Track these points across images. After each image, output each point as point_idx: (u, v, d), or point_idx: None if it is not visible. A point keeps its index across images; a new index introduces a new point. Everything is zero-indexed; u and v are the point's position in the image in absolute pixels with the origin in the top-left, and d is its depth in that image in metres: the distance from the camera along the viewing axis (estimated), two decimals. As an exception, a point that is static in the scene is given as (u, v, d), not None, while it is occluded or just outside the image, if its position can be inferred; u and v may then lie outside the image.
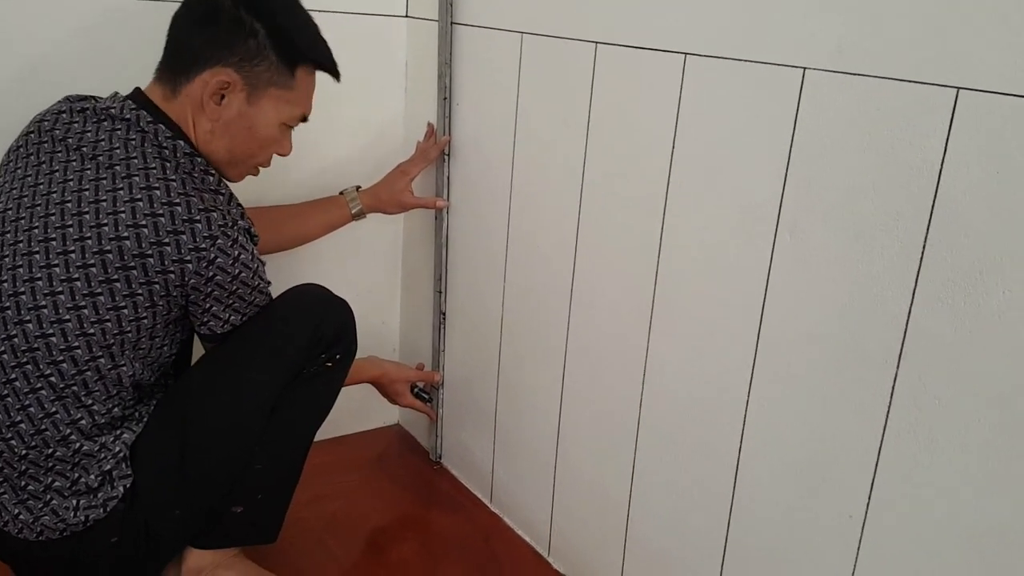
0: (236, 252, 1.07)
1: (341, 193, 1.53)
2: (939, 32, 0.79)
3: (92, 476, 1.06)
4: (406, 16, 1.59)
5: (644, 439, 1.20)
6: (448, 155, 1.52)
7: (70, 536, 1.06)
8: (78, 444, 1.06)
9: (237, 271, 1.08)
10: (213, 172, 1.11)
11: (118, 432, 1.09)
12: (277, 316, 1.17)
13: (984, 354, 0.80)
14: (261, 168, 1.23)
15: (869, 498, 0.91)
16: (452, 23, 1.45)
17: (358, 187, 1.53)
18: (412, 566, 1.41)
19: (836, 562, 0.95)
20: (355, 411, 1.78)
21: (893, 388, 0.88)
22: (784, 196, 0.96)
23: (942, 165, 0.81)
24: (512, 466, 1.50)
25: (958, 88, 0.78)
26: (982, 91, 0.77)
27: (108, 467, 1.07)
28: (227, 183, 1.14)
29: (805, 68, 0.91)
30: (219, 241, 1.05)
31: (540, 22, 1.27)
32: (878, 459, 0.90)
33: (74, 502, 1.06)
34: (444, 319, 1.61)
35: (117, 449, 1.07)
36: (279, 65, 1.12)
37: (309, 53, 1.16)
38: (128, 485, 1.08)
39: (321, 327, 1.19)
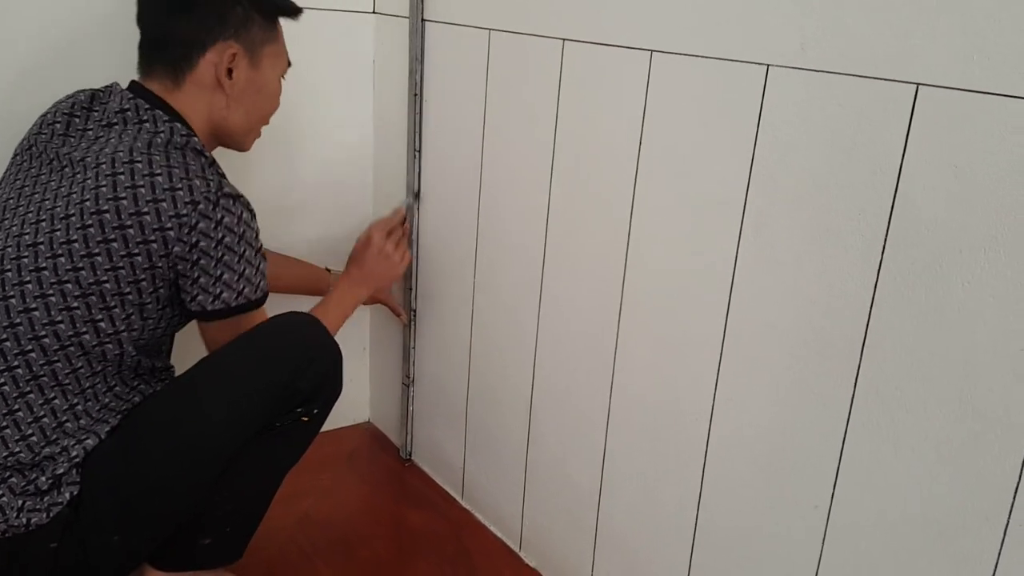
0: (219, 215, 1.05)
1: (328, 270, 1.57)
2: (899, 29, 0.81)
3: (44, 478, 1.02)
4: (374, 12, 1.58)
5: (613, 433, 1.21)
6: (418, 151, 1.51)
7: (10, 537, 1.01)
8: (39, 442, 1.03)
9: (221, 235, 1.05)
10: (208, 154, 1.11)
11: (82, 436, 1.05)
12: (253, 357, 1.10)
13: (945, 346, 0.81)
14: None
15: (834, 488, 0.93)
16: (422, 20, 1.45)
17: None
18: (384, 563, 1.40)
19: (802, 551, 0.97)
20: (325, 409, 1.77)
21: (856, 380, 0.89)
22: (749, 192, 0.97)
23: (903, 160, 0.82)
24: (483, 462, 1.50)
25: (918, 84, 0.80)
26: (941, 87, 0.78)
27: (61, 471, 1.03)
28: (219, 167, 1.11)
29: (768, 65, 0.92)
30: (200, 206, 1.03)
31: (508, 19, 1.28)
32: (842, 449, 0.91)
33: (19, 502, 1.01)
34: (415, 316, 1.61)
35: (74, 454, 1.04)
36: (264, 23, 1.17)
37: (281, 3, 1.21)
38: (75, 493, 1.03)
39: (297, 382, 1.10)
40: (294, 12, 1.23)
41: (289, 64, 1.25)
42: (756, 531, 1.03)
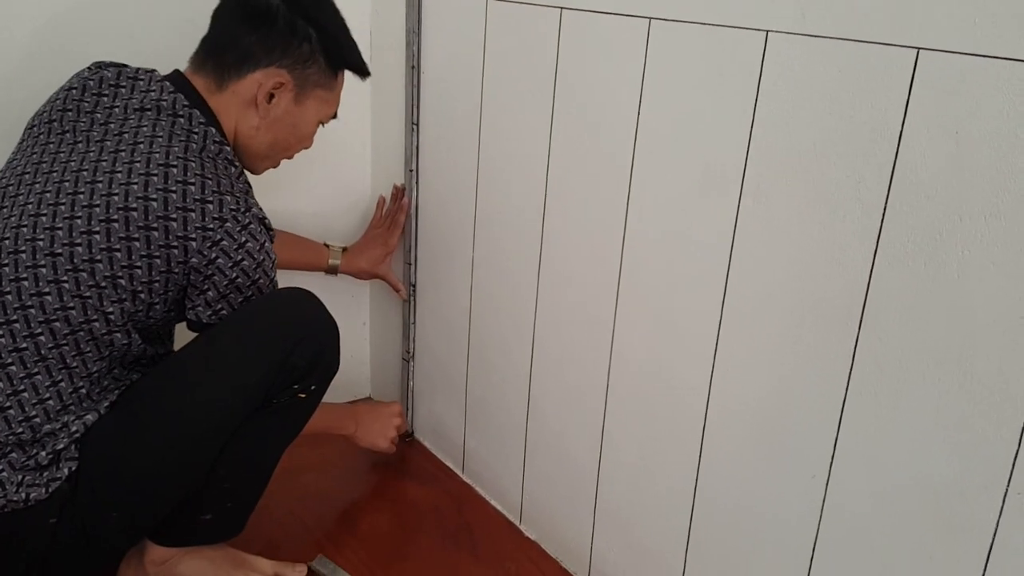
0: (243, 239, 1.06)
1: (326, 245, 1.56)
2: (899, -8, 0.79)
3: (44, 453, 1.02)
4: (370, -17, 1.56)
5: (612, 405, 1.21)
6: (416, 125, 1.50)
7: (9, 512, 1.01)
8: (42, 422, 1.03)
9: (240, 258, 1.06)
10: (237, 164, 1.12)
11: (82, 412, 1.05)
12: (248, 333, 1.09)
13: (944, 315, 0.81)
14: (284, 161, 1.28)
15: (832, 458, 0.93)
16: (417, -11, 1.43)
17: (344, 248, 1.57)
18: (385, 536, 1.41)
19: (801, 522, 0.97)
20: (326, 385, 1.77)
21: (855, 349, 0.88)
22: (748, 159, 0.96)
23: (903, 126, 0.81)
24: (483, 436, 1.50)
25: (918, 48, 0.79)
26: (942, 51, 0.77)
27: (60, 446, 1.03)
28: (246, 178, 1.14)
29: (768, 31, 0.91)
30: (227, 224, 1.05)
31: (505, -12, 1.26)
32: (840, 419, 0.91)
33: (19, 477, 1.01)
34: (415, 291, 1.61)
35: (74, 429, 1.04)
36: (326, 68, 1.18)
37: (351, 58, 1.23)
38: (73, 468, 1.03)
39: (291, 358, 1.09)
40: (363, 73, 1.25)
41: (335, 116, 1.26)
42: (754, 501, 1.03)
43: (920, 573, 0.86)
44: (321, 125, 1.26)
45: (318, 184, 1.63)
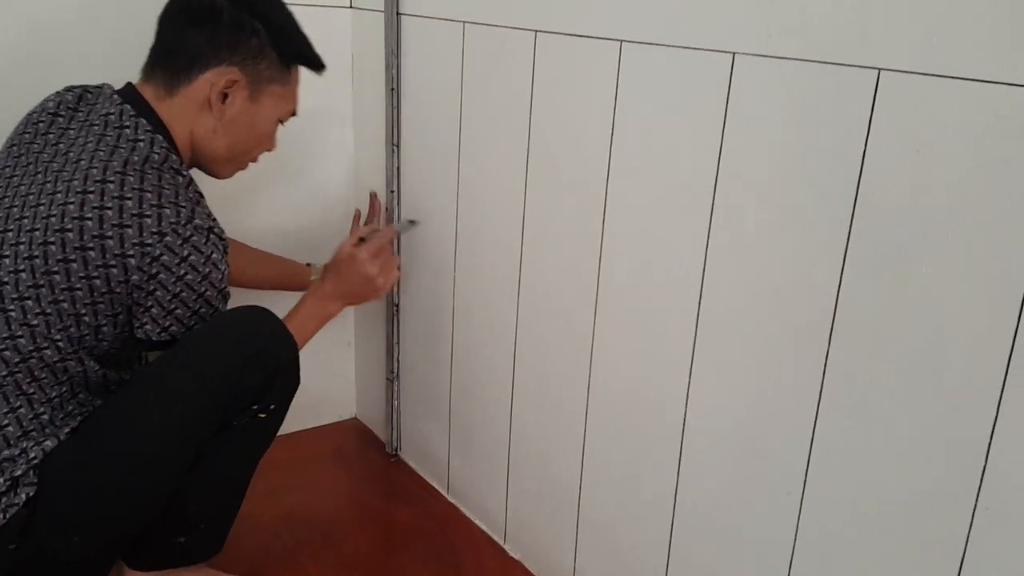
0: (185, 252, 1.03)
1: (308, 265, 1.54)
2: (860, 14, 0.81)
3: (2, 480, 1.00)
4: (350, 7, 1.58)
5: (592, 423, 1.21)
6: (396, 146, 1.51)
7: None
8: (0, 448, 1.01)
9: (183, 272, 1.03)
10: (185, 173, 1.09)
11: (41, 439, 1.03)
12: (199, 356, 1.07)
13: (911, 328, 0.82)
14: (251, 164, 1.25)
15: (806, 474, 0.93)
16: (397, 13, 1.45)
17: (326, 266, 1.49)
18: (369, 557, 1.41)
19: (778, 537, 0.97)
20: (311, 405, 1.77)
21: (826, 364, 0.89)
22: (718, 179, 0.97)
23: (866, 144, 0.82)
24: (468, 456, 1.50)
25: (879, 69, 0.80)
26: (902, 71, 0.79)
27: (19, 472, 1.01)
28: (196, 187, 1.10)
29: (735, 53, 0.93)
30: (167, 238, 1.01)
31: (481, 11, 1.27)
32: (813, 435, 0.92)
33: None
34: (397, 311, 1.61)
35: (32, 455, 1.02)
36: (278, 63, 1.16)
37: (302, 51, 1.19)
38: (31, 494, 1.01)
39: (245, 378, 1.07)
40: (317, 66, 1.22)
41: (295, 113, 1.23)
42: (733, 518, 1.03)
43: (894, 587, 0.87)
44: (280, 124, 1.22)
45: (302, 204, 1.64)
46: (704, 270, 1.01)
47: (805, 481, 0.93)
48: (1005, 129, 0.72)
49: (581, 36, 1.11)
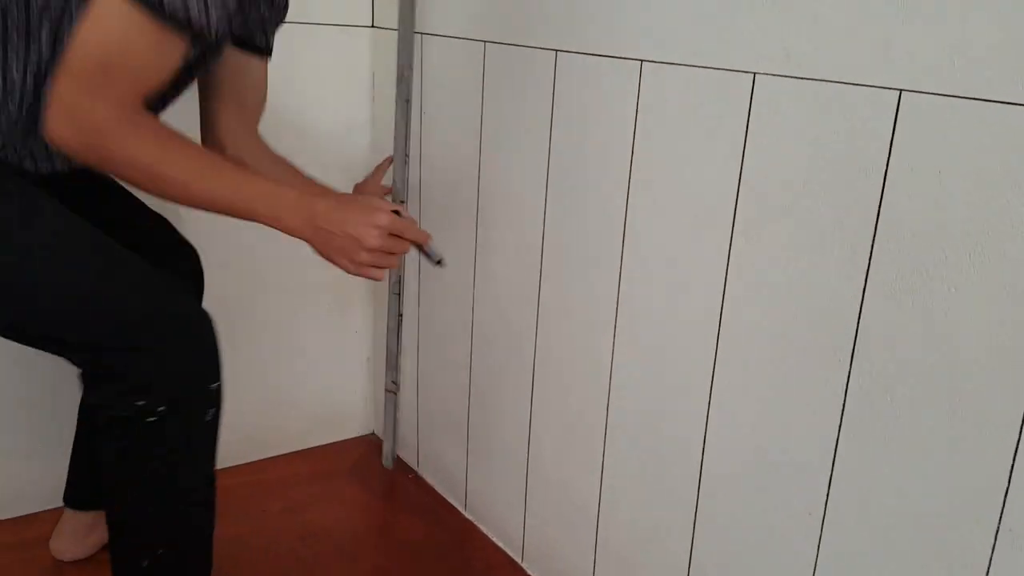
0: None
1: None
2: (881, 35, 0.81)
3: None
4: (372, 27, 1.60)
5: (611, 443, 1.21)
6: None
7: None
8: None
9: None
10: None
11: None
12: (104, 290, 0.95)
13: (933, 350, 0.81)
14: None
15: (827, 496, 0.93)
16: (417, 32, 1.46)
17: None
18: (386, 573, 1.41)
19: (798, 559, 0.96)
20: (329, 421, 1.78)
21: (847, 386, 0.89)
22: (739, 199, 0.97)
23: (887, 166, 0.82)
24: (485, 473, 1.50)
25: (900, 90, 0.80)
26: (923, 92, 0.78)
27: None
28: None
29: (755, 73, 0.93)
30: None
31: (502, 31, 1.29)
32: (835, 457, 0.91)
33: None
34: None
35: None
36: None
37: None
38: None
39: (109, 353, 0.94)
40: None
41: None
42: (753, 539, 1.02)
43: (917, 611, 0.86)
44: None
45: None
46: (724, 292, 1.01)
47: (826, 503, 0.93)
48: (1021, 149, 0.72)
49: (602, 56, 1.12)
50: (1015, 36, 0.72)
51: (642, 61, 1.06)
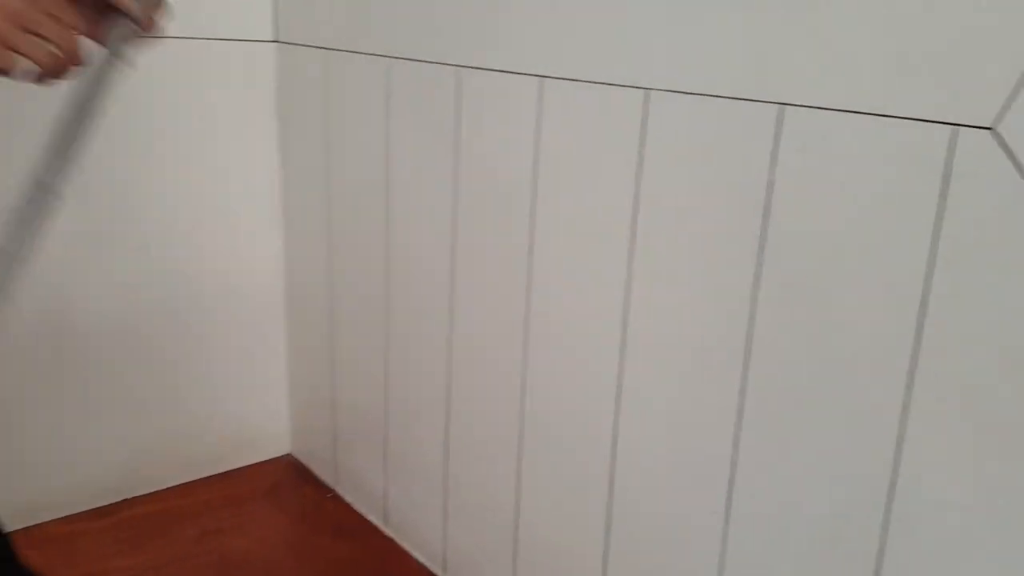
0: None
1: None
2: (762, 51, 0.85)
3: None
4: (275, 41, 1.58)
5: (526, 451, 1.23)
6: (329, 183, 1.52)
7: None
8: None
9: None
10: None
11: None
12: None
13: (821, 358, 0.85)
14: None
15: (729, 495, 0.96)
16: (319, 47, 1.45)
17: None
18: (306, 597, 1.39)
19: (707, 557, 1.00)
20: (245, 443, 1.75)
21: (744, 391, 0.93)
22: (637, 211, 1.00)
23: (773, 175, 0.86)
24: (404, 488, 1.50)
25: (782, 104, 0.84)
26: (803, 106, 0.83)
27: None
28: None
29: (648, 89, 0.96)
30: None
31: (405, 47, 1.29)
32: (735, 457, 0.95)
33: None
34: (332, 347, 1.61)
35: None
36: None
37: None
38: None
39: None
40: None
41: None
42: (664, 539, 1.05)
43: (817, 600, 0.90)
44: None
45: (227, 238, 1.63)
46: (627, 301, 1.04)
47: (729, 500, 0.96)
48: (896, 159, 0.77)
49: (503, 72, 1.14)
50: (888, 51, 0.76)
51: (542, 77, 1.08)
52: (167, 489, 1.65)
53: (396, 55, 1.31)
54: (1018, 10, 0.68)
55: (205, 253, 1.61)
